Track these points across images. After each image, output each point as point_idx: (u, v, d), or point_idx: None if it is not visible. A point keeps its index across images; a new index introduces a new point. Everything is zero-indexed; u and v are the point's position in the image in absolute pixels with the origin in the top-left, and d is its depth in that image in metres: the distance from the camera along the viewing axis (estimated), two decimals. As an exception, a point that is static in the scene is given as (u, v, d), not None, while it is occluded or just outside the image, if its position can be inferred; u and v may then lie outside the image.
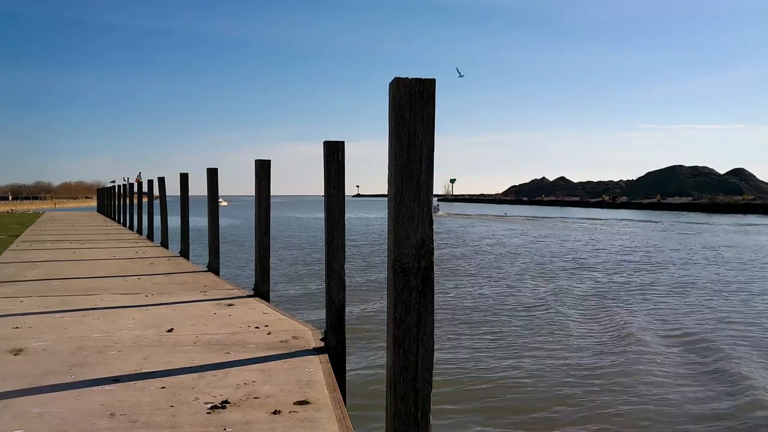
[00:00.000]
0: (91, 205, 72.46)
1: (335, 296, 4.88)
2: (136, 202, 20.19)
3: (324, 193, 4.98)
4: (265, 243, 7.15)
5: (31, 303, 6.29)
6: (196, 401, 3.36)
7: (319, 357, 4.29)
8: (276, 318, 5.64)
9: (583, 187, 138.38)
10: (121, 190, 23.76)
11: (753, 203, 68.61)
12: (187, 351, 4.42)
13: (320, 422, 3.10)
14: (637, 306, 12.21)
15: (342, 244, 4.92)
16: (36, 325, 5.23)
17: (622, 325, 10.39)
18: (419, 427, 2.76)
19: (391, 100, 2.70)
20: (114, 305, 6.21)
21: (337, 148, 4.93)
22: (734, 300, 12.92)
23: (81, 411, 3.19)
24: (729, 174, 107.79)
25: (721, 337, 9.54)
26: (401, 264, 2.72)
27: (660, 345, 9.09)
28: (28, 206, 70.30)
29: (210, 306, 6.22)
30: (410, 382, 2.75)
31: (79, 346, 4.51)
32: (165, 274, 8.78)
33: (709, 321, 10.78)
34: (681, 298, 13.25)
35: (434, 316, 2.78)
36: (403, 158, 2.69)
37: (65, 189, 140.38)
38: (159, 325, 5.28)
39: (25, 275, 8.44)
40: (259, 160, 7.10)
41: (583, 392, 6.96)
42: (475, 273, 17.26)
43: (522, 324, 10.50)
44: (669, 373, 7.74)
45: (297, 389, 3.58)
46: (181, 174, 11.98)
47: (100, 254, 11.46)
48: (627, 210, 78.12)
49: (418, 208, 2.71)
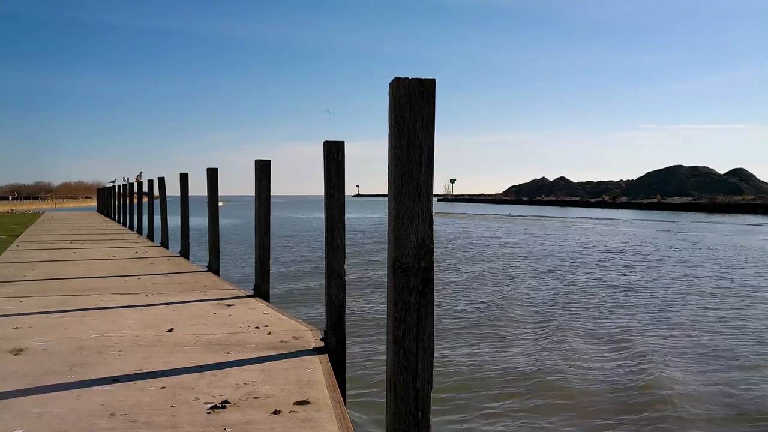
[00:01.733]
0: (91, 205, 72.47)
1: (335, 296, 4.89)
2: (136, 202, 20.19)
3: (324, 193, 4.99)
4: (265, 243, 7.15)
5: (31, 303, 6.30)
6: (196, 401, 3.36)
7: (319, 357, 4.29)
8: (276, 318, 5.64)
9: (583, 187, 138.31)
10: (121, 190, 23.78)
11: (753, 203, 68.55)
12: (187, 351, 4.42)
13: (320, 422, 3.10)
14: (638, 303, 12.23)
15: (342, 244, 4.92)
16: (36, 325, 5.23)
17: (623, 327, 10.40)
18: (419, 427, 2.77)
19: (391, 100, 2.70)
20: (114, 305, 6.21)
21: (337, 148, 4.94)
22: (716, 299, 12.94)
23: (81, 411, 3.20)
24: (729, 174, 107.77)
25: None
26: (401, 264, 2.72)
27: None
28: (28, 206, 70.31)
29: (210, 306, 6.23)
30: (410, 382, 2.76)
31: (79, 346, 4.52)
32: (165, 274, 8.79)
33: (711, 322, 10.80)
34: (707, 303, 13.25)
35: (434, 315, 2.78)
36: (403, 158, 2.69)
37: (65, 189, 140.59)
38: (159, 325, 5.28)
39: (25, 275, 8.45)
40: (259, 160, 7.11)
41: (585, 393, 6.97)
42: (475, 272, 17.28)
43: (522, 323, 10.51)
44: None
45: (297, 389, 3.58)
46: (181, 174, 12.00)
47: (100, 254, 11.46)
48: (627, 210, 78.12)
49: (418, 208, 2.71)
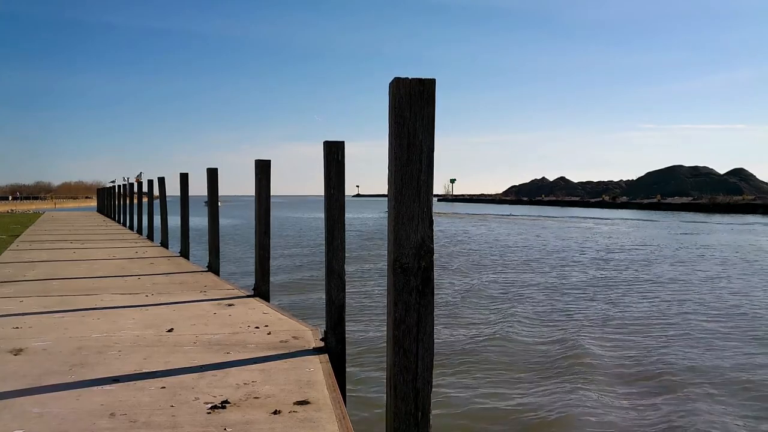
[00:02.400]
0: (91, 205, 72.51)
1: (335, 296, 4.89)
2: (136, 202, 20.20)
3: (324, 193, 4.99)
4: (265, 243, 7.15)
5: (31, 303, 6.29)
6: (196, 401, 3.36)
7: (319, 357, 4.29)
8: (276, 318, 5.64)
9: (583, 187, 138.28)
10: (121, 190, 23.77)
11: (753, 203, 68.53)
12: (187, 351, 4.42)
13: (320, 422, 3.10)
14: (639, 302, 12.23)
15: (342, 244, 4.92)
16: (36, 325, 5.23)
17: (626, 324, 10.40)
18: (419, 427, 2.77)
19: (391, 100, 2.69)
20: (114, 305, 6.21)
21: (337, 148, 4.94)
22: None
23: (81, 411, 3.20)
24: (729, 174, 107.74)
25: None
26: (401, 264, 2.72)
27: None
28: (28, 206, 70.32)
29: (210, 306, 6.23)
30: (410, 382, 2.75)
31: (79, 346, 4.52)
32: (165, 274, 8.78)
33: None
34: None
35: (434, 315, 2.78)
36: (403, 158, 2.69)
37: (65, 189, 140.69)
38: (159, 325, 5.28)
39: (25, 275, 8.45)
40: (259, 160, 7.11)
41: (586, 392, 6.96)
42: (474, 271, 17.28)
43: (522, 324, 10.51)
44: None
45: (297, 389, 3.58)
46: (181, 174, 11.99)
47: (100, 254, 11.46)
48: (627, 210, 78.06)
49: (418, 208, 2.71)
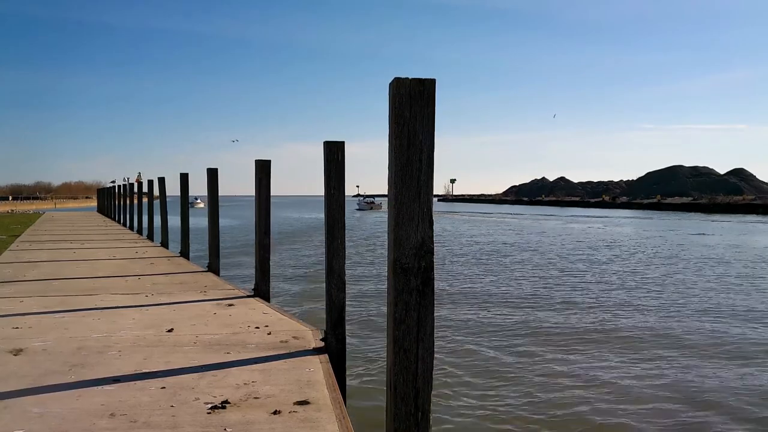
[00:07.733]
0: (91, 205, 72.43)
1: (335, 296, 4.88)
2: (136, 203, 20.20)
3: (324, 193, 4.99)
4: (265, 243, 7.15)
5: (31, 303, 6.29)
6: (196, 401, 3.36)
7: (319, 357, 4.29)
8: (276, 318, 5.64)
9: (583, 187, 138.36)
10: (121, 191, 23.77)
11: (753, 203, 68.59)
12: (187, 351, 4.42)
13: (320, 422, 3.09)
14: (641, 300, 12.23)
15: (342, 244, 4.92)
16: (36, 325, 5.23)
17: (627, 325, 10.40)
18: (419, 427, 2.76)
19: (391, 100, 2.69)
20: (114, 305, 6.21)
21: (337, 148, 4.93)
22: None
23: (81, 411, 3.19)
24: (729, 174, 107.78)
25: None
26: (401, 264, 2.72)
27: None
28: (28, 206, 70.30)
29: (210, 306, 6.23)
30: (410, 382, 2.75)
31: (79, 346, 4.52)
32: (165, 274, 8.78)
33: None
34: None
35: (434, 315, 2.78)
36: (403, 158, 2.69)
37: (65, 189, 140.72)
38: (159, 325, 5.28)
39: (25, 275, 8.45)
40: (259, 160, 7.11)
41: (586, 393, 6.96)
42: (473, 270, 17.27)
43: (523, 323, 10.50)
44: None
45: (297, 389, 3.58)
46: (181, 174, 12.00)
47: (100, 254, 11.46)
48: (627, 210, 78.04)
49: (418, 209, 2.71)
